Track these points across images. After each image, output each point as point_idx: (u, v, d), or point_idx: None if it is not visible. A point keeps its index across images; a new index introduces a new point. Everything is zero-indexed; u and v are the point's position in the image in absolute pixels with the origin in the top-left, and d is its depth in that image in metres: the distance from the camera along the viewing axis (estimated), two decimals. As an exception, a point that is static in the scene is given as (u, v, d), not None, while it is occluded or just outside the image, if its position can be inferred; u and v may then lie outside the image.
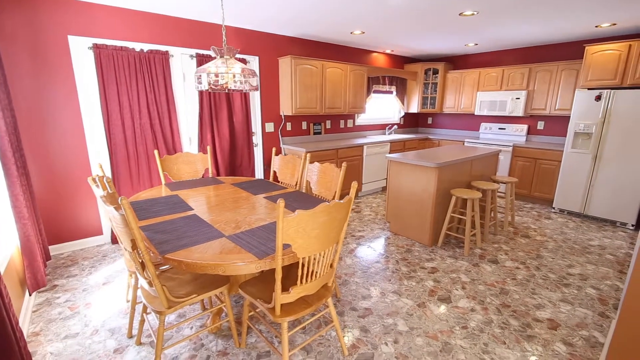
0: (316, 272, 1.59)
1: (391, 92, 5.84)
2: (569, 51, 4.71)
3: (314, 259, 1.58)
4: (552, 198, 4.58)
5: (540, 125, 5.13)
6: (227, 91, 2.14)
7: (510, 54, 5.33)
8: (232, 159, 4.17)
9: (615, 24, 3.73)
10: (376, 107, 6.00)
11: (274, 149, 3.11)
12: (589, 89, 4.17)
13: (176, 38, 3.54)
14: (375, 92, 5.56)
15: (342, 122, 5.40)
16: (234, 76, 2.02)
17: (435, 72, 5.98)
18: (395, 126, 6.10)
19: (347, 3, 3.04)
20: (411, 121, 6.75)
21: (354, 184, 1.69)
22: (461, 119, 6.17)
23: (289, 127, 4.71)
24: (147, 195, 2.44)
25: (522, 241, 3.50)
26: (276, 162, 3.09)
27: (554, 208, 4.49)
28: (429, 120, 6.71)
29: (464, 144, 5.48)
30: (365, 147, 4.92)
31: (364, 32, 4.23)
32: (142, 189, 3.53)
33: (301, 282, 1.56)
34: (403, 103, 6.11)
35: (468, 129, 6.09)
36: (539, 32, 4.15)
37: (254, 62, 4.19)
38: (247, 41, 4.07)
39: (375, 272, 2.81)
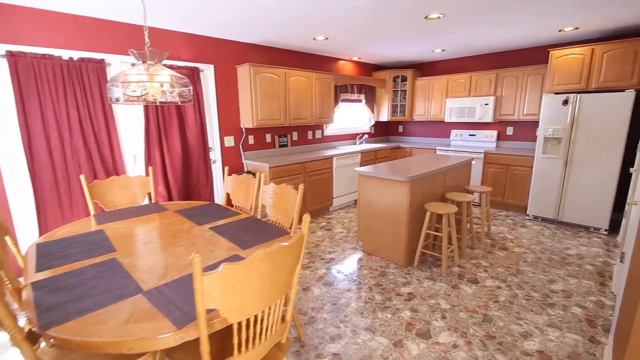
0: (260, 334, 1.24)
1: (360, 101, 5.64)
2: (534, 56, 4.70)
3: (255, 320, 1.23)
4: (525, 205, 4.48)
5: (510, 130, 5.08)
6: (157, 104, 1.76)
7: (476, 60, 5.28)
8: (186, 178, 3.74)
9: (577, 28, 3.71)
10: (346, 117, 5.77)
11: (226, 168, 2.73)
12: (555, 93, 4.13)
13: (114, 45, 3.11)
14: (344, 100, 5.32)
15: (310, 133, 5.11)
16: (162, 85, 1.66)
17: (404, 79, 5.85)
18: (366, 135, 5.89)
19: (306, 6, 2.77)
20: (382, 130, 6.58)
21: (306, 217, 1.36)
22: (432, 126, 6.06)
23: (251, 140, 4.34)
24: (65, 232, 1.99)
25: (501, 254, 3.31)
26: (229, 183, 2.72)
27: (528, 215, 4.38)
28: (400, 129, 6.57)
29: (435, 152, 5.34)
30: (334, 159, 4.64)
31: (327, 38, 3.98)
32: (77, 219, 3.04)
33: (239, 352, 1.20)
34: (373, 111, 5.93)
35: (439, 136, 5.98)
36: (504, 37, 4.08)
37: (208, 71, 3.82)
38: (200, 48, 3.70)
39: (347, 304, 2.49)
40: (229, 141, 4.11)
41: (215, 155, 4.03)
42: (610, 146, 3.64)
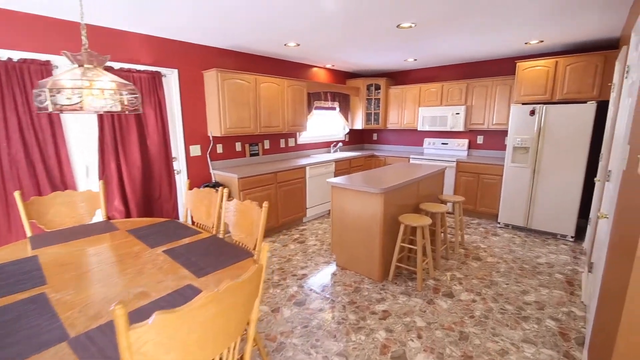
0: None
1: (334, 109, 5.56)
2: (502, 67, 4.82)
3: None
4: (496, 213, 4.54)
5: (480, 139, 5.17)
6: (97, 113, 1.55)
7: (448, 70, 5.36)
8: (146, 191, 3.46)
9: (542, 41, 3.82)
10: (319, 124, 5.66)
11: (187, 182, 2.52)
12: (523, 104, 4.23)
13: (62, 45, 2.83)
14: (317, 108, 5.22)
15: (282, 141, 4.95)
16: (102, 92, 1.45)
17: (378, 87, 5.84)
18: (341, 143, 5.82)
19: (275, 11, 2.63)
20: (356, 138, 6.53)
21: (265, 247, 1.20)
22: (405, 134, 6.08)
23: (219, 149, 4.12)
24: (-11, 260, 1.71)
25: (474, 265, 3.28)
26: (189, 198, 2.50)
27: (499, 223, 4.44)
28: (374, 136, 6.55)
29: (409, 160, 5.34)
30: (307, 168, 4.50)
31: (299, 45, 3.87)
32: (17, 240, 2.69)
33: (184, 410, 1.02)
34: (347, 119, 5.86)
35: (412, 145, 6.01)
36: (474, 47, 4.14)
37: (172, 76, 3.58)
38: (163, 52, 3.46)
39: (319, 326, 2.33)
40: (195, 150, 3.87)
41: (180, 165, 3.78)
42: (575, 155, 3.75)
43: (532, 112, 3.97)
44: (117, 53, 3.14)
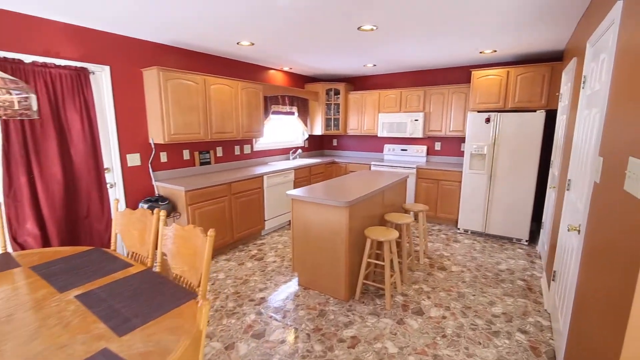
0: None
1: (292, 113, 5.29)
2: (458, 75, 4.92)
3: None
4: (456, 219, 4.58)
5: (438, 145, 5.23)
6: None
7: (406, 77, 5.37)
8: (70, 210, 2.90)
9: (495, 51, 3.91)
10: (277, 130, 5.36)
11: (115, 201, 2.09)
12: (478, 111, 4.31)
13: (-54, 30, 2.23)
14: (275, 112, 4.92)
15: (237, 148, 4.57)
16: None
17: (337, 92, 5.70)
18: (300, 150, 5.56)
19: (223, 3, 2.31)
20: (316, 143, 6.33)
21: (205, 307, 0.90)
22: (365, 140, 6.01)
23: (163, 157, 3.64)
24: None
25: (440, 275, 3.20)
26: (119, 220, 2.07)
27: (459, 229, 4.48)
28: (334, 142, 6.40)
29: (370, 167, 5.25)
30: (265, 177, 4.17)
31: (253, 44, 3.55)
32: None
33: None
34: (306, 125, 5.63)
35: (373, 151, 5.95)
36: (431, 54, 4.14)
37: (102, 74, 3.07)
38: (91, 45, 2.95)
39: (280, 363, 2.03)
40: (134, 159, 3.36)
41: (115, 177, 3.25)
42: (527, 162, 3.87)
43: (488, 120, 4.05)
44: (29, 43, 2.58)
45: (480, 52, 4.00)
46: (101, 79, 3.07)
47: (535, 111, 3.91)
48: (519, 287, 2.99)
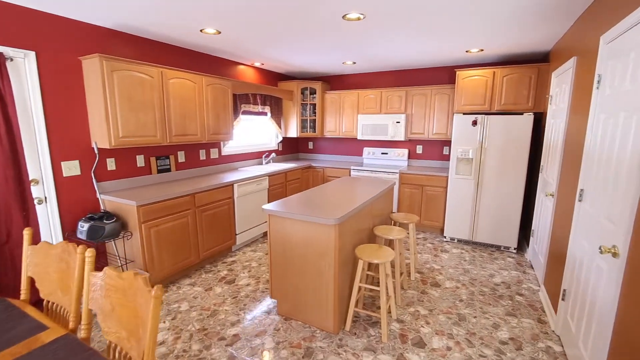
0: None
1: (265, 114, 4.82)
2: (441, 76, 4.70)
3: None
4: (441, 226, 4.35)
5: (419, 149, 5.00)
6: None
7: (386, 76, 5.09)
8: (-21, 234, 2.25)
9: (482, 50, 3.71)
10: (248, 132, 4.86)
11: (27, 231, 1.53)
12: (464, 113, 4.10)
13: None
14: (245, 112, 4.42)
15: (202, 152, 4.02)
16: None
17: (313, 92, 5.30)
18: (274, 154, 5.09)
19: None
20: (291, 146, 5.88)
21: None
22: (344, 143, 5.66)
23: (111, 165, 3.04)
24: None
25: (435, 293, 2.90)
26: (32, 259, 1.51)
27: (445, 237, 4.25)
28: (310, 145, 5.99)
29: (350, 172, 4.90)
30: (235, 186, 3.67)
31: (219, 32, 3.06)
32: None
33: None
34: (280, 126, 5.18)
35: (351, 154, 5.61)
36: (415, 52, 3.86)
37: (26, 61, 2.43)
38: (9, 23, 2.31)
39: None
40: (71, 168, 2.74)
41: (46, 190, 2.62)
42: (515, 167, 3.71)
43: (475, 123, 3.85)
44: None
45: (467, 51, 3.79)
46: (23, 67, 2.43)
47: (522, 114, 3.76)
48: (519, 304, 2.76)
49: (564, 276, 2.29)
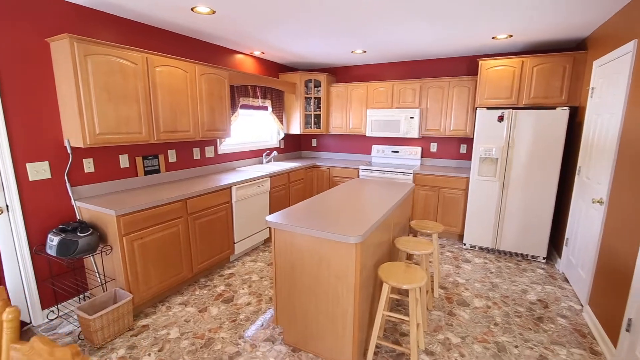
0: None
1: (266, 108, 4.40)
2: (460, 66, 4.29)
3: None
4: (460, 232, 3.97)
5: (434, 147, 4.60)
6: None
7: (398, 68, 4.66)
8: None
9: (511, 36, 3.30)
10: (247, 128, 4.43)
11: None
12: (488, 108, 3.70)
13: None
14: (244, 107, 4.00)
15: (196, 151, 3.59)
16: None
17: (318, 84, 4.87)
18: (275, 152, 4.67)
19: None
20: (293, 143, 5.46)
21: None
22: (350, 140, 5.25)
23: (88, 167, 2.62)
24: None
25: (465, 315, 2.52)
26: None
27: (465, 244, 3.86)
28: (314, 142, 5.57)
29: (358, 172, 4.49)
30: (234, 189, 3.26)
31: (214, 12, 2.63)
32: None
33: None
34: (282, 122, 4.76)
35: (359, 152, 5.20)
36: (435, 40, 3.45)
37: (-22, 42, 2.00)
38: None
39: None
40: (39, 171, 2.32)
41: (8, 197, 2.19)
42: (547, 168, 3.32)
43: (501, 118, 3.45)
44: None
45: (493, 38, 3.38)
46: (-26, 49, 2.00)
47: (554, 108, 3.36)
48: (564, 328, 2.38)
49: (629, 303, 1.90)
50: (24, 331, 2.33)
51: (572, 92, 3.32)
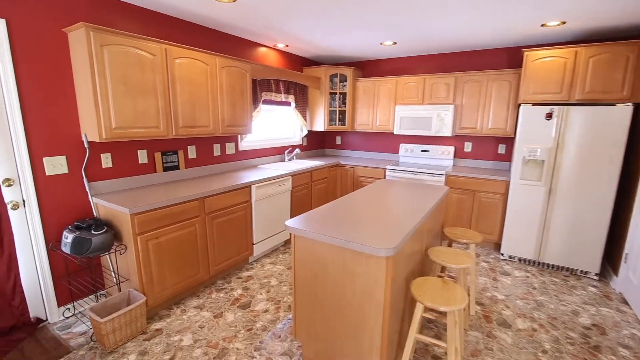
0: None
1: (289, 103, 4.22)
2: (501, 58, 3.91)
3: None
4: (497, 240, 3.62)
5: (468, 146, 4.25)
6: None
7: (430, 60, 4.34)
8: None
9: (564, 23, 2.92)
10: (269, 124, 4.28)
11: None
12: (533, 104, 3.33)
13: None
14: (266, 102, 3.84)
15: (216, 147, 3.47)
16: None
17: (343, 79, 4.64)
18: (297, 149, 4.50)
19: None
20: (316, 141, 5.26)
21: None
22: (377, 138, 4.98)
23: (106, 162, 2.54)
24: None
25: (506, 338, 2.22)
26: None
27: (502, 254, 3.51)
28: (338, 140, 5.35)
29: (385, 172, 4.23)
30: (254, 188, 3.10)
31: (235, 0, 2.46)
32: None
33: None
34: (305, 118, 4.57)
35: (385, 151, 4.93)
36: (475, 29, 3.12)
37: (-5, 32, 1.94)
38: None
39: None
40: (56, 165, 2.26)
41: (25, 192, 2.14)
42: (604, 173, 2.92)
43: (549, 115, 3.08)
44: None
45: (542, 25, 3.01)
46: (-10, 38, 1.93)
47: (614, 104, 2.95)
48: (628, 361, 2.04)
49: None
50: (40, 328, 2.28)
51: (637, 87, 2.89)
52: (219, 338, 2.19)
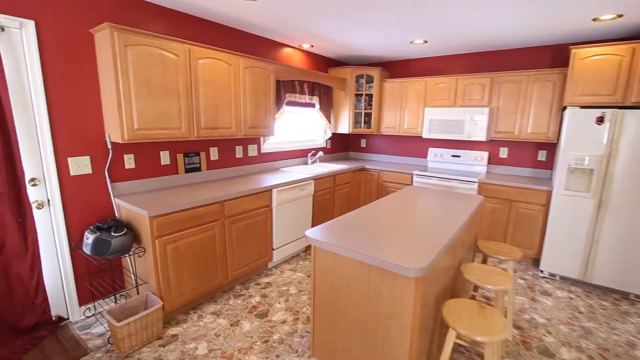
0: None
1: (313, 105, 4.11)
2: (542, 57, 3.61)
3: None
4: (536, 256, 3.32)
5: (504, 152, 3.95)
6: None
7: (463, 60, 4.09)
8: (-42, 247, 1.83)
9: (621, 15, 2.61)
10: (292, 126, 4.19)
11: None
12: (582, 107, 3.02)
13: None
14: (290, 103, 3.75)
15: (239, 149, 3.42)
16: None
17: (370, 80, 4.47)
18: (321, 152, 4.38)
19: None
20: (340, 144, 5.13)
21: None
22: (404, 142, 4.77)
23: (129, 163, 2.53)
24: None
25: (548, 369, 1.98)
26: None
27: (542, 271, 3.21)
28: (363, 143, 5.18)
29: (412, 177, 4.01)
30: (275, 192, 3.01)
31: (261, -3, 2.38)
32: None
33: None
34: (329, 121, 4.44)
35: (412, 155, 4.70)
36: (512, 26, 2.87)
37: (22, 33, 1.95)
38: (1, -16, 1.85)
39: None
40: (80, 165, 2.26)
41: (49, 192, 2.16)
42: (666, 184, 2.58)
43: (601, 120, 2.77)
44: None
45: (594, 19, 2.71)
46: (19, 40, 1.95)
47: (680, 108, 2.61)
48: (701, 408, 1.74)
49: None
50: (61, 327, 2.30)
51: None
52: (234, 349, 2.10)
